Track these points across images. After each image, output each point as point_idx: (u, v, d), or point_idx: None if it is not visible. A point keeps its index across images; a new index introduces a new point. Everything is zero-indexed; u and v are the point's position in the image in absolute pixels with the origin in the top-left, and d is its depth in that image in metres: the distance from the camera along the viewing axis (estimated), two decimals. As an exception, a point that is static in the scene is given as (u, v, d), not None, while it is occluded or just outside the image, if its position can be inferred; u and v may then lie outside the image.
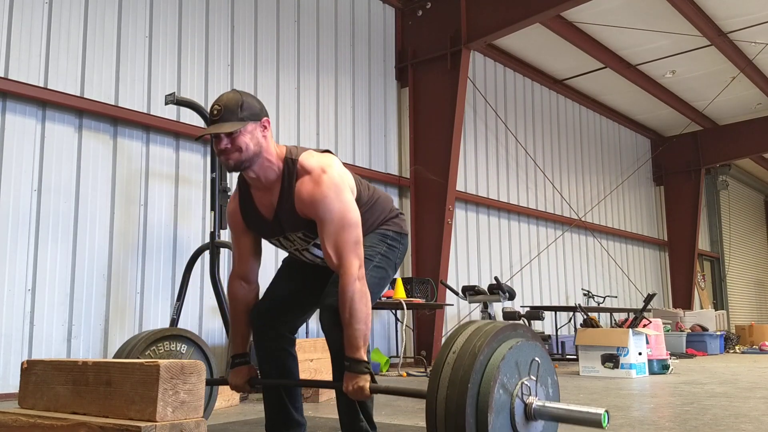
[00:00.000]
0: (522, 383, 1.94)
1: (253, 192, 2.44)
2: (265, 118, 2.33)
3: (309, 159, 2.34)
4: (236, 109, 2.26)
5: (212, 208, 4.95)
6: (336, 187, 2.29)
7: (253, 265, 2.56)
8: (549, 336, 8.00)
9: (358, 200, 2.40)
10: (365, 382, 2.18)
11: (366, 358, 2.22)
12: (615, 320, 10.37)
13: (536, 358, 2.00)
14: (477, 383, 1.84)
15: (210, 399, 2.94)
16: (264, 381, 2.51)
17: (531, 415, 1.94)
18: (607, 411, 1.89)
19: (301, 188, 2.31)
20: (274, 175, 2.35)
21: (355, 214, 2.30)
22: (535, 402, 1.95)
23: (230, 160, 2.28)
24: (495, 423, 1.83)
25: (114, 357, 2.76)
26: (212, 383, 2.75)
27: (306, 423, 2.61)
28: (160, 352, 2.77)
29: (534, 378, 1.98)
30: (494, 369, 1.86)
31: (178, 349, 2.83)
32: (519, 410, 1.92)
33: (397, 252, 2.56)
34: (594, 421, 1.89)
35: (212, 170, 5.01)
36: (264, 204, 2.42)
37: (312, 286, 2.59)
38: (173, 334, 2.84)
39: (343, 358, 2.25)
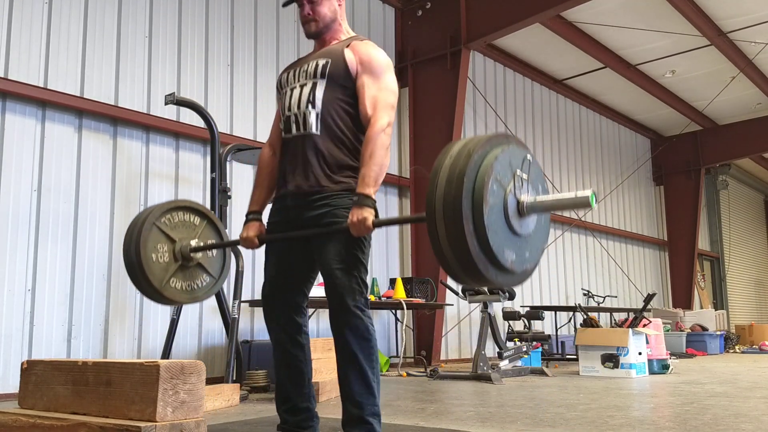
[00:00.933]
0: (515, 176, 2.04)
1: (310, 54, 2.67)
2: None
3: (374, 45, 2.60)
4: None
5: (212, 208, 4.95)
6: (389, 63, 2.56)
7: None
8: (549, 336, 7.99)
9: None
10: (369, 214, 2.32)
11: (374, 197, 2.36)
12: (615, 320, 10.37)
13: (528, 157, 2.10)
14: (472, 179, 1.95)
15: (225, 262, 3.01)
16: (270, 237, 2.60)
17: (523, 210, 2.05)
18: (594, 192, 2.00)
19: (359, 44, 2.56)
20: (340, 37, 2.65)
21: (396, 86, 2.54)
22: (527, 198, 2.06)
23: (311, 29, 2.60)
24: (489, 215, 1.93)
25: (130, 225, 2.81)
26: (225, 245, 2.91)
27: (314, 407, 2.59)
28: (175, 221, 2.83)
29: (526, 176, 2.08)
30: (489, 166, 1.96)
31: (191, 220, 2.90)
32: (512, 206, 2.02)
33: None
34: (583, 203, 2.02)
35: (212, 170, 5.01)
36: (314, 53, 2.65)
37: (298, 258, 2.60)
38: (187, 205, 2.92)
39: (355, 371, 2.37)
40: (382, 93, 2.47)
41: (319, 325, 6.62)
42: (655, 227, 13.45)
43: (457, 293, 7.21)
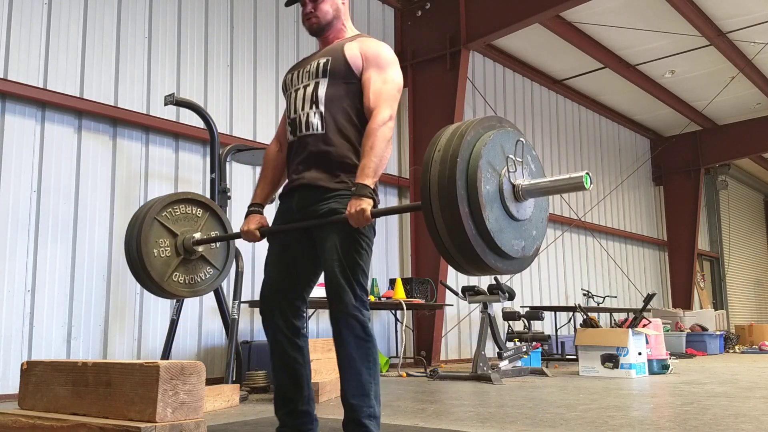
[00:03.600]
0: (508, 159, 2.05)
1: (314, 54, 2.66)
2: None
3: (378, 41, 2.59)
4: None
5: (212, 209, 4.95)
6: (395, 58, 2.56)
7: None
8: (549, 336, 8.00)
9: None
10: (368, 205, 2.30)
11: (373, 186, 2.35)
12: (615, 320, 10.37)
13: (521, 139, 2.11)
14: (466, 159, 1.96)
15: (228, 254, 2.99)
16: (271, 228, 2.58)
17: (519, 194, 2.06)
18: (588, 173, 2.03)
19: (363, 40, 2.57)
20: (343, 36, 2.64)
21: (401, 80, 2.53)
22: (522, 182, 2.07)
23: (313, 24, 2.60)
24: (485, 197, 1.94)
25: (131, 220, 2.79)
26: (227, 238, 2.87)
27: (314, 410, 2.58)
28: (177, 214, 2.81)
29: (519, 159, 2.09)
30: (480, 148, 1.98)
31: (194, 212, 2.87)
32: (507, 190, 2.04)
33: (372, 230, 2.57)
34: (577, 185, 2.05)
35: (212, 171, 5.01)
36: (317, 56, 2.62)
37: (300, 261, 2.58)
38: (188, 197, 2.90)
39: (353, 374, 2.34)
40: (386, 86, 2.46)
41: (318, 325, 6.62)
42: (654, 227, 13.45)
43: (456, 293, 7.21)
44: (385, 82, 2.47)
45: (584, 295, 10.32)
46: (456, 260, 2.01)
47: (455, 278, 8.35)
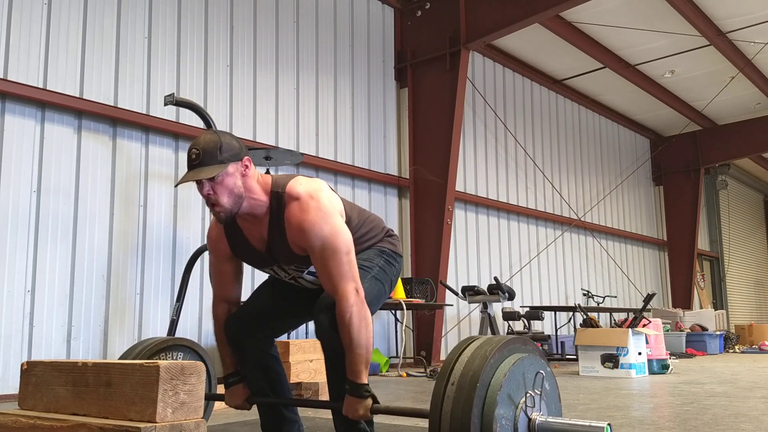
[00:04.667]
0: (526, 398, 1.94)
1: (241, 223, 2.38)
2: (246, 158, 2.26)
3: (296, 186, 2.28)
4: (215, 152, 2.17)
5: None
6: (324, 212, 2.23)
7: (236, 288, 2.55)
8: (549, 336, 8.00)
9: (348, 223, 2.35)
10: (365, 409, 2.15)
11: (367, 382, 2.17)
12: (615, 320, 10.37)
13: (541, 371, 2.00)
14: (481, 399, 1.84)
15: (206, 411, 2.90)
16: (261, 399, 2.51)
17: (534, 430, 1.94)
18: (609, 424, 1.88)
19: (290, 217, 2.25)
20: (263, 209, 2.30)
21: (346, 237, 2.24)
22: (539, 417, 1.96)
23: (220, 213, 2.22)
24: None
25: None
26: (210, 398, 2.69)
27: (299, 419, 2.61)
28: None
29: (538, 392, 1.99)
30: (499, 382, 1.86)
31: (175, 358, 2.80)
32: (522, 425, 1.92)
33: (393, 269, 2.52)
34: None
35: (212, 171, 5.00)
36: (254, 236, 2.36)
37: (297, 298, 2.57)
38: (170, 344, 2.78)
39: (341, 371, 2.21)
40: (333, 260, 2.18)
41: (318, 325, 6.62)
42: (654, 227, 13.46)
43: (456, 293, 7.22)
44: (329, 258, 2.19)
45: (584, 295, 10.32)
46: None
47: (455, 278, 8.35)
